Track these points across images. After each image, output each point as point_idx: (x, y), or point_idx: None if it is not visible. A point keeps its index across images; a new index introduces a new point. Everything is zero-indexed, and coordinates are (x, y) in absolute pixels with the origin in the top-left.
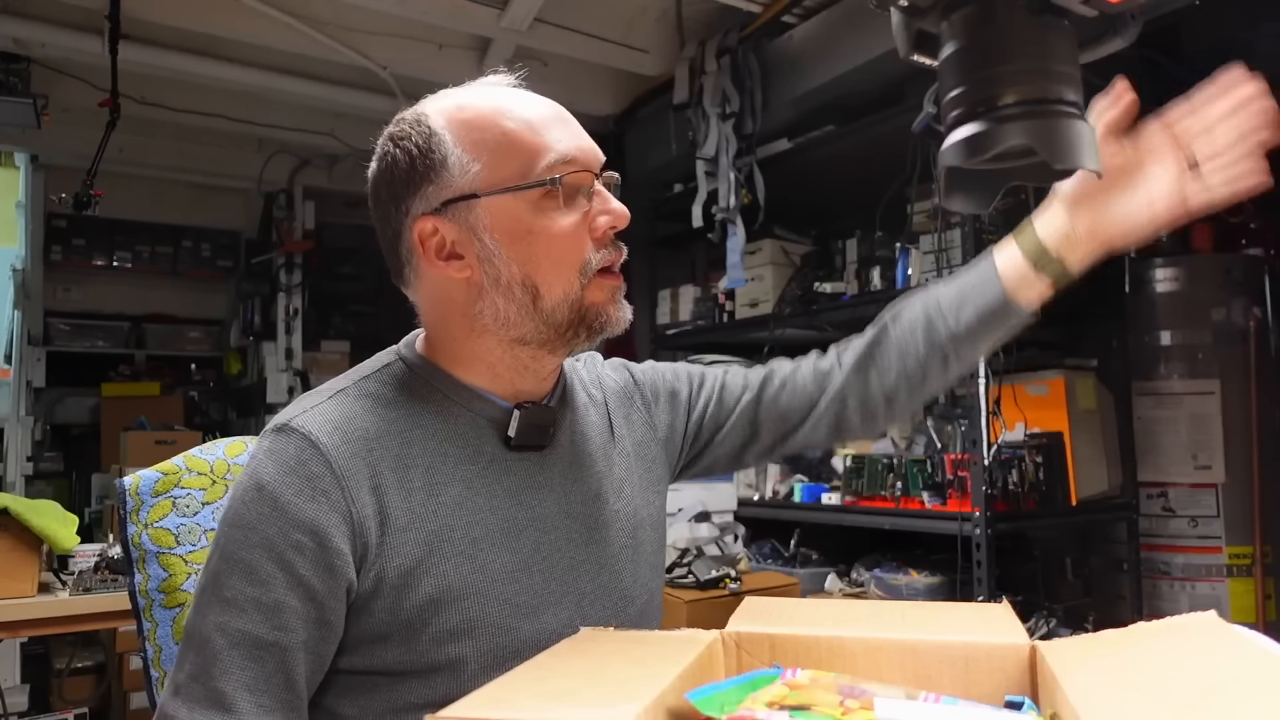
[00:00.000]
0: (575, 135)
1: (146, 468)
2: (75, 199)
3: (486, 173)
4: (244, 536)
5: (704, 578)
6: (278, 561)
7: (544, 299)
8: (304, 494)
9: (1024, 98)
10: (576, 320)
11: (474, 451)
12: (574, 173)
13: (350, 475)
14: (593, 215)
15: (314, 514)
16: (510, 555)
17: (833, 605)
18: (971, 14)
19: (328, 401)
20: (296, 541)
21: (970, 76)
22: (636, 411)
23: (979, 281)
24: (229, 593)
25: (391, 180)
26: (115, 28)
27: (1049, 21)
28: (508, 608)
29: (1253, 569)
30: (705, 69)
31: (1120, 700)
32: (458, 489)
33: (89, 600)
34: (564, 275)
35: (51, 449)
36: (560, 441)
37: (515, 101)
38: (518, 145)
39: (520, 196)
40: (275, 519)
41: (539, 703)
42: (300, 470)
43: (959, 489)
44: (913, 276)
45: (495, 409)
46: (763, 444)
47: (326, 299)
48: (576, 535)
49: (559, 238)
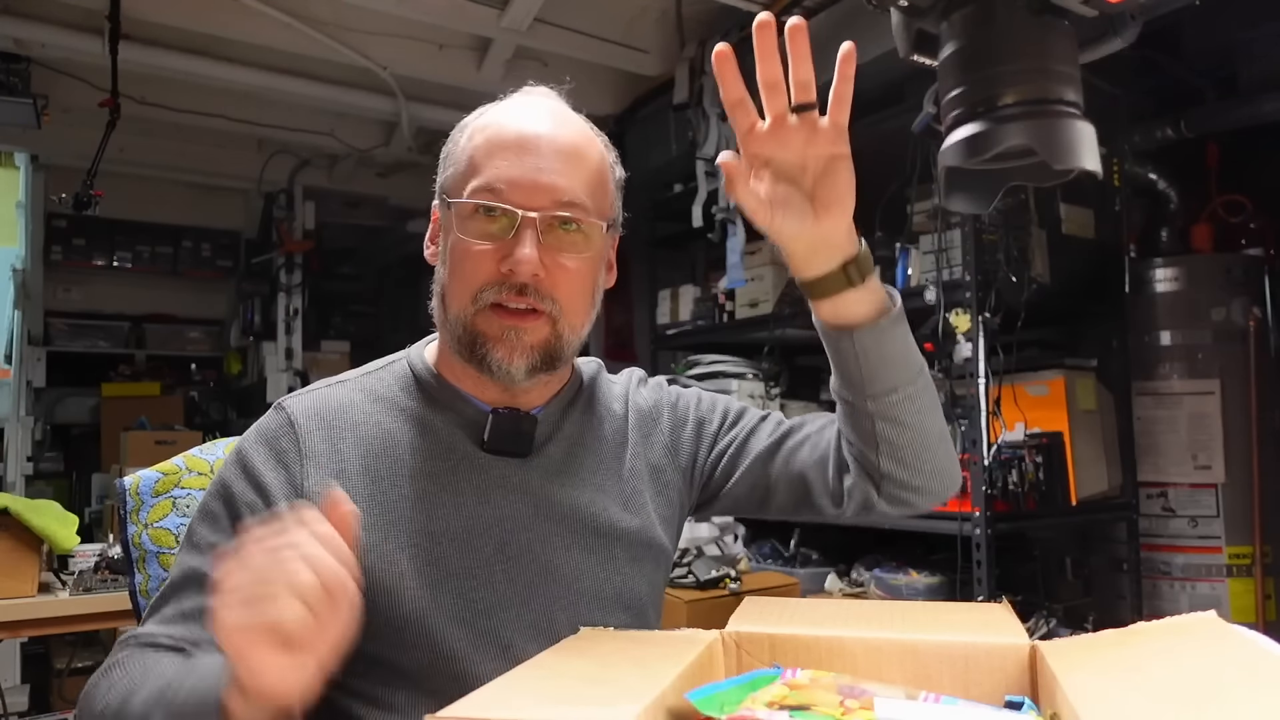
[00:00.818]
0: (520, 168)
1: (146, 468)
2: (75, 199)
3: (454, 176)
4: (215, 490)
5: (704, 578)
6: (231, 514)
7: (449, 309)
8: (268, 463)
9: (1024, 98)
10: (468, 340)
11: (446, 449)
12: (492, 204)
13: (313, 456)
14: (509, 253)
15: (269, 481)
16: (469, 554)
17: (833, 605)
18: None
19: (325, 389)
20: (250, 500)
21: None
22: (659, 434)
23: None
24: (195, 537)
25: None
26: (115, 28)
27: (1049, 22)
28: (461, 602)
29: (1253, 569)
30: (705, 69)
31: (1120, 700)
32: (423, 484)
33: (89, 600)
34: (461, 294)
35: (51, 449)
36: (551, 449)
37: (510, 119)
38: (473, 159)
39: (458, 208)
40: (239, 477)
41: (539, 702)
42: (273, 443)
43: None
44: (913, 276)
45: (474, 411)
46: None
47: (326, 299)
48: (556, 540)
49: (462, 257)
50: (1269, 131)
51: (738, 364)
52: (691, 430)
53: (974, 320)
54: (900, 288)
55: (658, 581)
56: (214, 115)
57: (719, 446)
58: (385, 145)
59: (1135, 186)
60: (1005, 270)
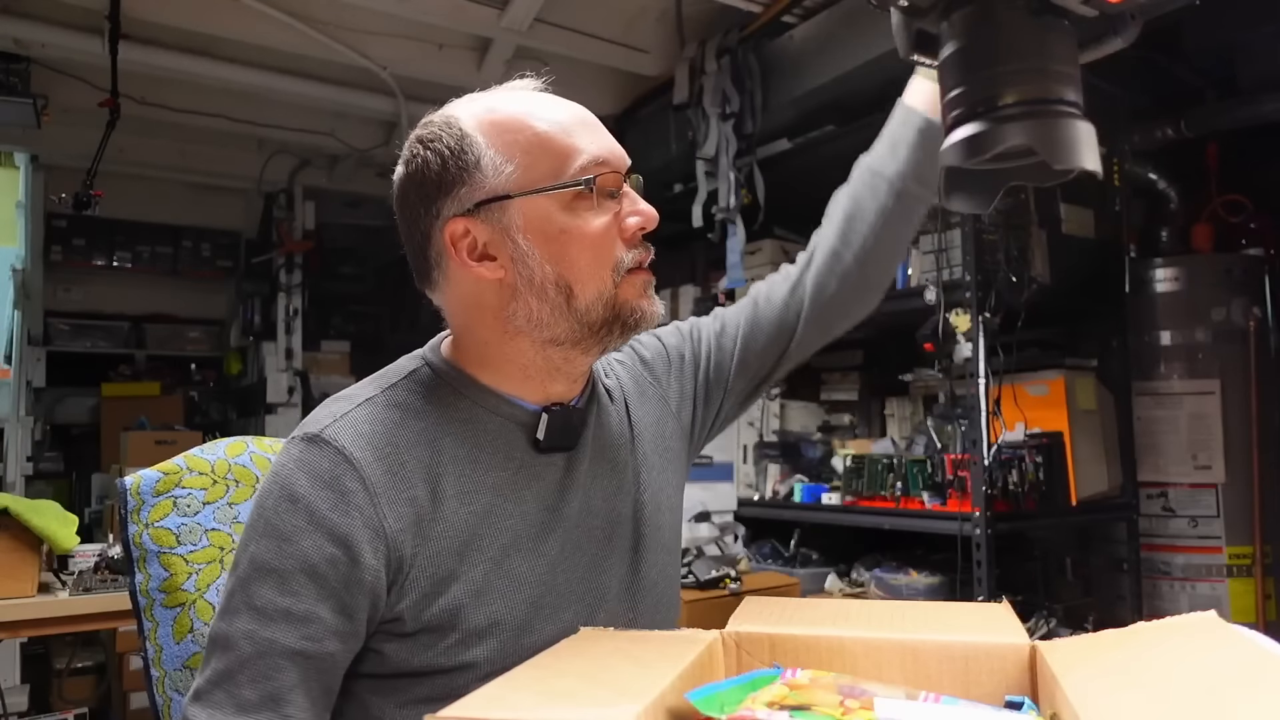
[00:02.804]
0: (604, 138)
1: (147, 468)
2: (75, 199)
3: (520, 174)
4: (278, 547)
5: (704, 578)
6: (310, 573)
7: (578, 299)
8: (338, 508)
9: (1024, 98)
10: (611, 318)
11: (504, 457)
12: (606, 174)
13: (383, 490)
14: (622, 216)
15: (347, 529)
16: (538, 559)
17: (833, 605)
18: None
19: (357, 410)
20: (330, 555)
21: (970, 77)
22: (650, 388)
23: (898, 125)
24: (259, 601)
25: (422, 183)
26: (115, 28)
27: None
28: (532, 609)
29: (1253, 569)
30: (705, 69)
31: (1120, 700)
32: (488, 497)
33: (89, 600)
34: (597, 275)
35: (51, 449)
36: (585, 439)
37: (543, 105)
38: (550, 147)
39: (553, 197)
40: (310, 532)
41: (539, 702)
42: (334, 485)
43: (959, 489)
44: (913, 276)
45: (523, 413)
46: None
47: (326, 299)
48: (597, 531)
49: (592, 238)
50: (1269, 131)
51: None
52: (676, 370)
53: (974, 320)
54: (900, 288)
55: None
56: (214, 115)
57: (701, 368)
58: (385, 145)
59: (1135, 186)
60: (1005, 270)
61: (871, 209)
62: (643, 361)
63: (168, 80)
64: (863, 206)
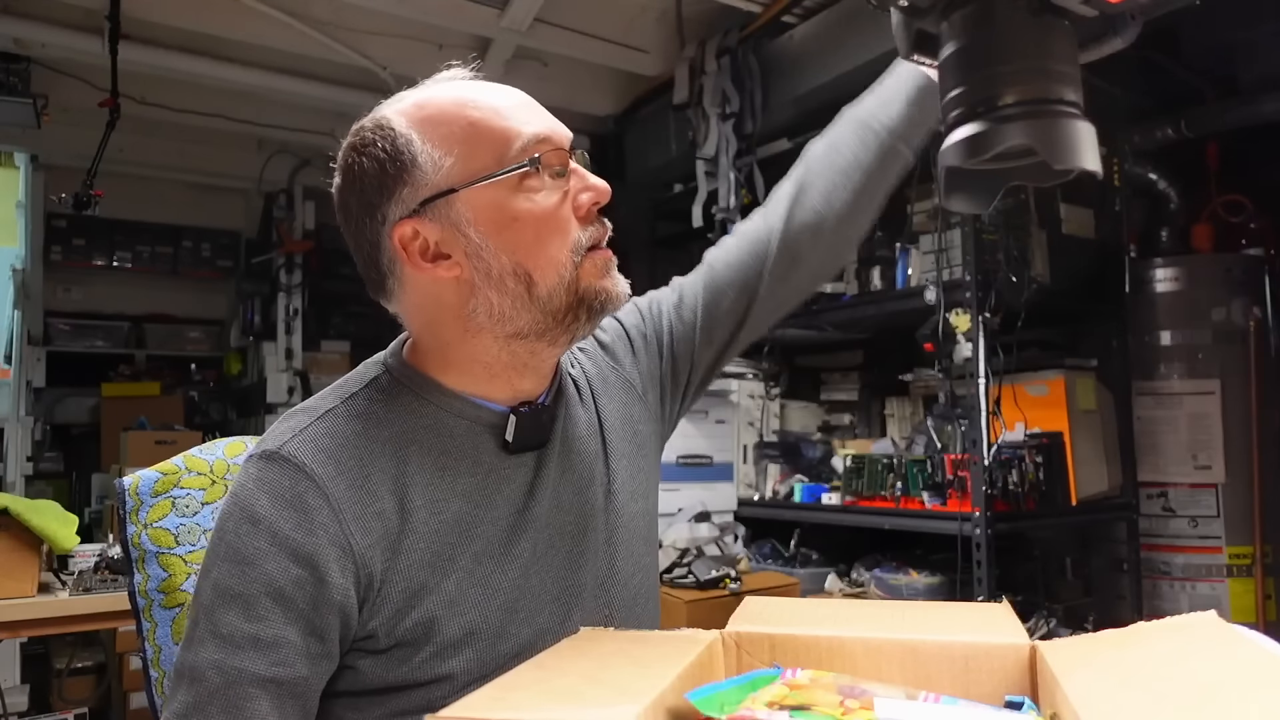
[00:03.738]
0: (542, 116)
1: (146, 468)
2: (75, 199)
3: (461, 165)
4: (241, 571)
5: (704, 578)
6: (275, 597)
7: (539, 285)
8: (301, 528)
9: (1024, 98)
10: (575, 303)
11: (472, 462)
12: (550, 151)
13: (348, 506)
14: (574, 192)
15: (313, 548)
16: (511, 565)
17: (833, 605)
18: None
19: (316, 424)
20: (296, 576)
21: (970, 77)
22: (612, 374)
23: (895, 80)
24: (225, 629)
25: (362, 190)
26: (115, 28)
27: (1049, 22)
28: (506, 615)
29: (1253, 569)
30: (705, 69)
31: (1120, 700)
32: (458, 504)
33: (89, 600)
34: (555, 257)
35: (51, 449)
36: (554, 434)
37: (476, 91)
38: (488, 132)
39: (499, 183)
40: (273, 554)
41: (539, 703)
42: (296, 503)
43: (959, 489)
44: (912, 276)
45: (491, 414)
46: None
47: (326, 299)
48: (569, 527)
49: (545, 219)
50: (1269, 131)
51: (738, 364)
52: (641, 351)
53: (974, 320)
54: (900, 288)
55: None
56: (214, 115)
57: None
58: None
59: (1135, 186)
60: (1005, 270)
61: (857, 162)
62: (603, 347)
63: (168, 80)
64: (846, 159)
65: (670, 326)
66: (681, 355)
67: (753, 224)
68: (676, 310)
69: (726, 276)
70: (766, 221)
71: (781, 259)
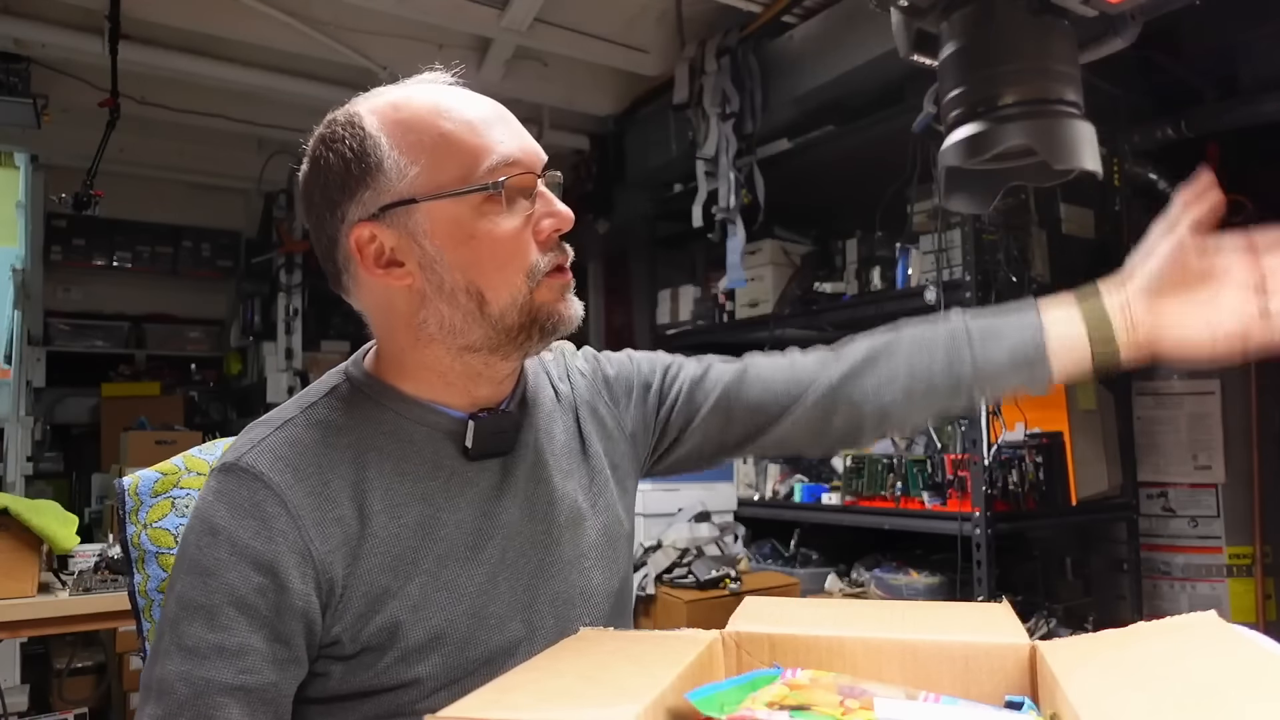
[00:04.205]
0: (517, 135)
1: (146, 468)
2: (75, 199)
3: (425, 176)
4: (201, 582)
5: (704, 578)
6: (238, 605)
7: (490, 305)
8: (260, 536)
9: (1024, 98)
10: (528, 322)
11: (432, 467)
12: (517, 175)
13: (307, 513)
14: (537, 217)
15: (272, 556)
16: (477, 568)
17: (833, 605)
18: (971, 14)
19: (275, 434)
20: (258, 584)
21: (970, 76)
22: (604, 407)
23: (1018, 325)
24: (190, 640)
25: (325, 185)
26: (115, 28)
27: (1049, 22)
28: (474, 620)
29: (1253, 569)
30: (705, 69)
31: (1120, 700)
32: (419, 508)
33: (89, 600)
34: (510, 281)
35: (51, 449)
36: (525, 443)
37: (454, 100)
38: (458, 147)
39: (462, 201)
40: (234, 563)
41: (538, 703)
42: (255, 512)
43: (959, 489)
44: (913, 276)
45: (450, 420)
46: (732, 441)
47: (326, 299)
48: (541, 537)
49: (503, 242)
50: (1269, 131)
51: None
52: (638, 396)
53: None
54: (900, 288)
55: (629, 562)
56: (214, 115)
57: (666, 404)
58: None
59: (1135, 186)
60: (1005, 270)
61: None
62: (605, 380)
63: (168, 80)
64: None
65: (679, 392)
66: (674, 425)
67: (806, 361)
68: (694, 385)
69: (753, 393)
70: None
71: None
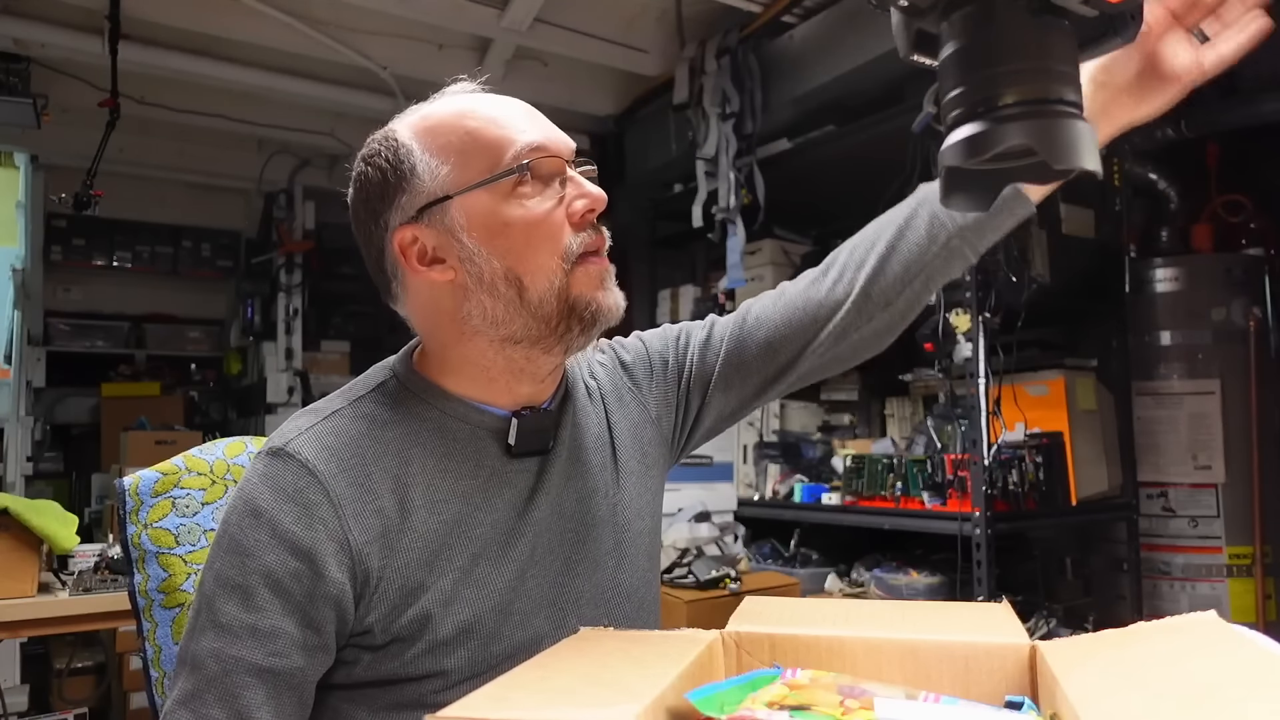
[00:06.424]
0: (542, 126)
1: (146, 468)
2: (75, 199)
3: (456, 173)
4: (240, 562)
5: (704, 578)
6: (274, 588)
7: (529, 290)
8: (301, 521)
9: (1024, 98)
10: (566, 312)
11: (474, 465)
12: (542, 158)
13: (348, 503)
14: (569, 199)
15: (311, 542)
16: (507, 565)
17: (833, 605)
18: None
19: (323, 423)
20: (294, 569)
21: (970, 76)
22: (628, 394)
23: None
24: (224, 618)
25: (368, 198)
26: (115, 28)
27: (1049, 21)
28: (501, 616)
29: (1253, 569)
30: (705, 69)
31: (1120, 700)
32: (457, 505)
33: (89, 600)
34: (546, 263)
35: (51, 449)
36: (560, 441)
37: (478, 102)
38: (482, 141)
39: (492, 190)
40: (272, 546)
41: (539, 702)
42: (298, 498)
43: (959, 489)
44: None
45: (493, 419)
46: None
47: (326, 299)
48: (569, 535)
49: (535, 225)
50: (1269, 131)
51: None
52: (658, 376)
53: (974, 320)
54: None
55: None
56: (214, 115)
57: (685, 374)
58: None
59: (1135, 186)
60: (1005, 270)
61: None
62: (623, 365)
63: (168, 80)
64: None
65: (693, 360)
66: (695, 391)
67: (798, 287)
68: (702, 348)
69: (756, 335)
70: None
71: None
